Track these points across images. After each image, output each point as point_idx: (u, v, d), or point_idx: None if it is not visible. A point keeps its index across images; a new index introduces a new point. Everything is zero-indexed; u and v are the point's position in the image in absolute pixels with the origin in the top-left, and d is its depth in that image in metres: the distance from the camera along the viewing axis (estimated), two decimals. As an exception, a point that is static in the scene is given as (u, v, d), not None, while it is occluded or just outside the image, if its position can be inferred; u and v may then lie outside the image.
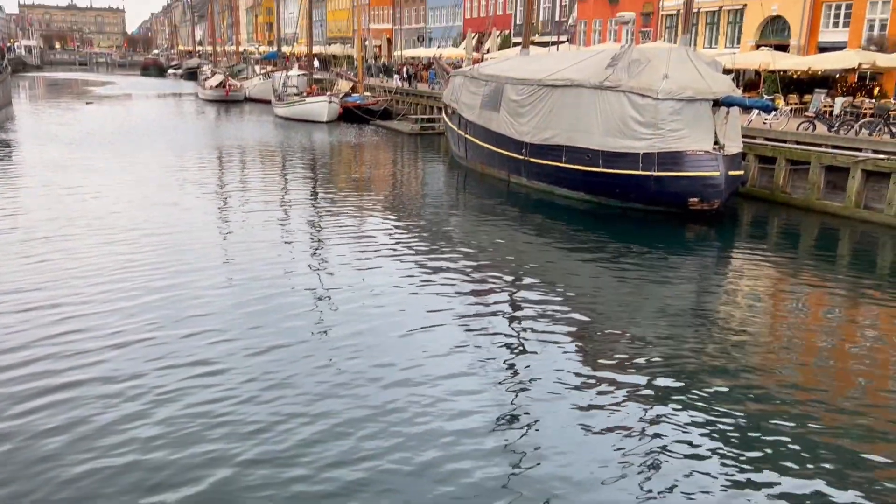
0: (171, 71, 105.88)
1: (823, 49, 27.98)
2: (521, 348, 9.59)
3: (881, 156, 16.90)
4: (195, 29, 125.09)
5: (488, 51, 41.57)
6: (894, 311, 11.59)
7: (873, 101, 22.81)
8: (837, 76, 26.70)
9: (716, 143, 17.11)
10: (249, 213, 17.46)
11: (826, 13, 28.64)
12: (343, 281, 12.18)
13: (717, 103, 17.11)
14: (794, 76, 27.28)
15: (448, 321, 10.44)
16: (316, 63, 55.86)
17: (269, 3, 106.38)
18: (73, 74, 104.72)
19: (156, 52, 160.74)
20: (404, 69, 49.28)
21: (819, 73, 26.22)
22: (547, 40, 42.54)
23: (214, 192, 20.06)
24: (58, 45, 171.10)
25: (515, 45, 39.16)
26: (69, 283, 11.55)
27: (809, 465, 6.94)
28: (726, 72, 21.04)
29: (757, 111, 20.62)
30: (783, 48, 29.17)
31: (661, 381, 8.63)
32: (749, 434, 7.47)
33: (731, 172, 17.08)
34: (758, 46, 30.41)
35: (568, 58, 22.21)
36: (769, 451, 7.17)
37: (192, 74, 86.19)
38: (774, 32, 31.04)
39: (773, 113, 21.25)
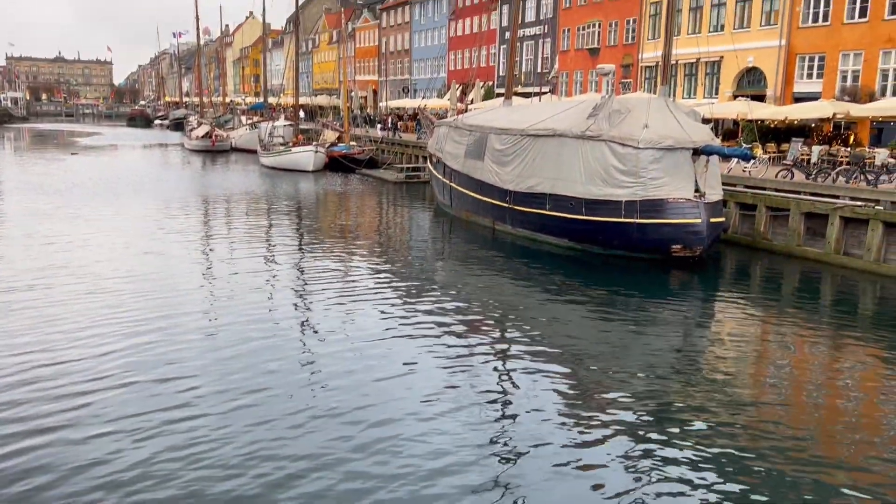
0: (157, 122, 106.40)
1: (799, 99, 28.70)
2: (505, 392, 9.54)
3: (858, 203, 17.21)
4: (182, 80, 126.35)
5: (472, 101, 42.24)
6: (876, 355, 11.65)
7: (849, 149, 23.34)
8: (813, 125, 27.34)
9: (697, 190, 17.37)
10: (234, 260, 17.43)
11: (800, 65, 29.47)
12: (327, 326, 12.17)
13: (696, 152, 17.43)
14: (772, 125, 27.89)
15: (432, 365, 10.41)
16: (301, 114, 56.49)
17: (256, 55, 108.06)
18: (59, 125, 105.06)
19: (142, 103, 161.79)
20: (388, 119, 49.98)
21: (795, 122, 26.83)
22: (529, 91, 43.36)
23: (199, 240, 20.01)
24: (44, 97, 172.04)
25: (499, 95, 39.88)
26: (53, 331, 11.45)
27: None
28: (705, 121, 21.48)
29: (736, 159, 21.02)
30: (760, 98, 29.89)
31: (646, 425, 8.58)
32: (733, 475, 7.45)
33: (712, 219, 17.31)
34: (735, 97, 31.15)
35: (550, 108, 22.64)
36: (752, 492, 7.13)
37: (178, 125, 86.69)
38: (751, 83, 31.84)
39: (752, 161, 21.66)
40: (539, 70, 46.72)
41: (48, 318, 12.18)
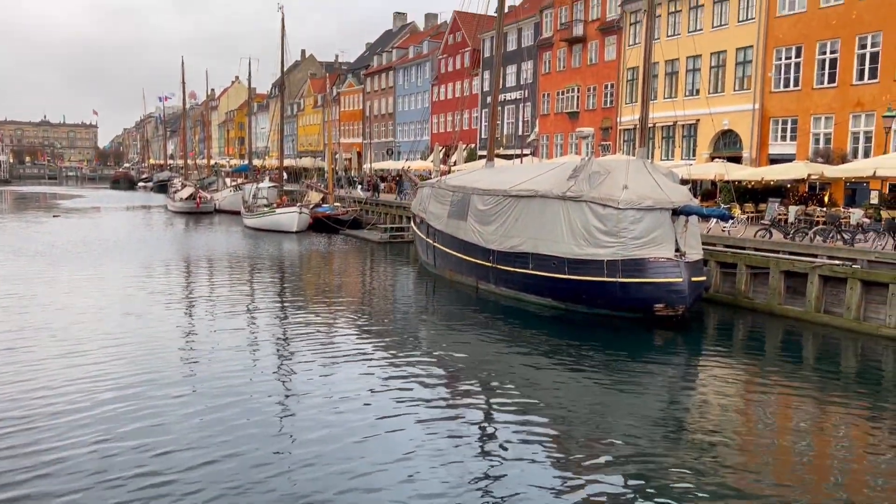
0: (141, 184, 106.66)
1: (774, 160, 29.40)
2: (488, 453, 9.38)
3: (836, 262, 17.45)
4: (167, 143, 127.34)
5: (455, 163, 42.87)
6: (860, 415, 11.63)
7: (824, 209, 23.81)
8: (789, 186, 27.93)
9: (677, 250, 17.56)
10: (215, 320, 17.24)
11: (774, 128, 30.30)
12: (308, 387, 12.05)
13: (675, 212, 17.69)
14: (749, 186, 28.46)
15: (414, 426, 10.28)
16: (285, 175, 56.94)
17: (242, 118, 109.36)
18: (42, 188, 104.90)
19: (126, 165, 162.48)
20: (374, 180, 50.59)
21: (772, 182, 27.40)
22: (511, 153, 44.12)
23: (179, 301, 19.80)
24: (28, 160, 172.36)
25: (481, 157, 40.48)
26: (29, 394, 11.23)
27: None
28: (683, 182, 21.89)
29: (715, 219, 21.34)
30: (736, 160, 30.58)
31: (631, 488, 8.45)
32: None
33: (694, 278, 17.44)
34: (712, 158, 31.86)
35: (532, 170, 23.00)
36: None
37: (162, 187, 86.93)
38: (727, 145, 32.62)
39: (731, 221, 22.01)
40: (520, 133, 47.63)
41: (24, 380, 11.96)
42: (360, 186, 50.23)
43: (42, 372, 12.52)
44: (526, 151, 42.29)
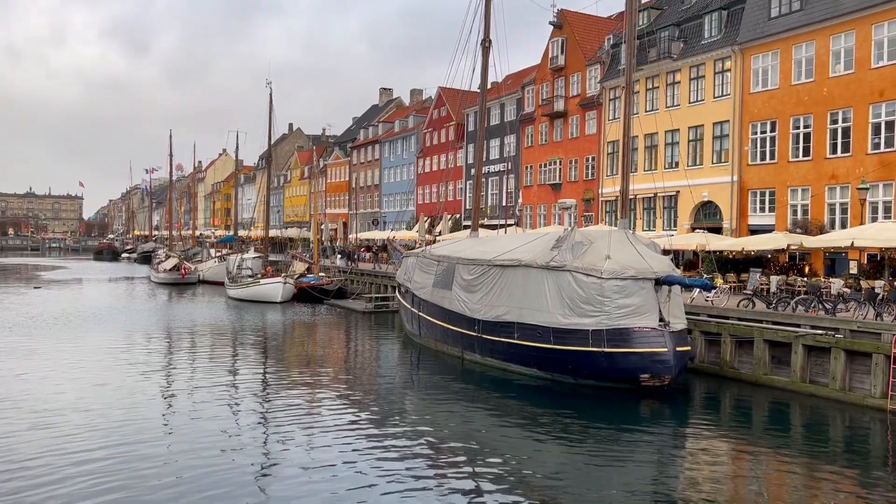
0: (125, 255, 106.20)
1: (754, 231, 29.87)
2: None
3: (819, 331, 17.53)
4: (153, 214, 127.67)
5: (440, 233, 43.17)
6: (849, 490, 11.48)
7: (805, 279, 24.07)
8: (769, 255, 28.29)
9: (661, 319, 17.60)
10: (193, 392, 16.90)
11: (752, 199, 30.90)
12: (287, 460, 11.80)
13: (658, 282, 17.82)
14: (730, 256, 28.80)
15: (397, 500, 10.02)
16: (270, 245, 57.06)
17: (228, 189, 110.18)
18: (25, 259, 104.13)
19: (111, 236, 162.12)
20: (352, 248, 51.05)
21: (752, 253, 27.76)
22: (495, 223, 44.56)
23: (158, 373, 19.45)
24: (11, 232, 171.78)
25: (466, 227, 40.88)
26: (12, 466, 11.07)
27: None
28: (665, 252, 22.13)
29: (698, 289, 21.49)
30: (717, 230, 31.04)
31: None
32: None
33: (678, 348, 17.43)
34: (693, 229, 32.30)
35: (516, 239, 23.20)
36: None
37: (146, 258, 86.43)
38: (707, 216, 33.17)
39: (714, 291, 22.16)
40: (504, 203, 48.24)
41: (5, 455, 11.74)
42: (339, 256, 50.49)
43: (13, 443, 12.24)
44: (510, 222, 42.75)
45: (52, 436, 12.93)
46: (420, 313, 24.78)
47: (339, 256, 50.29)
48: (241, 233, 66.41)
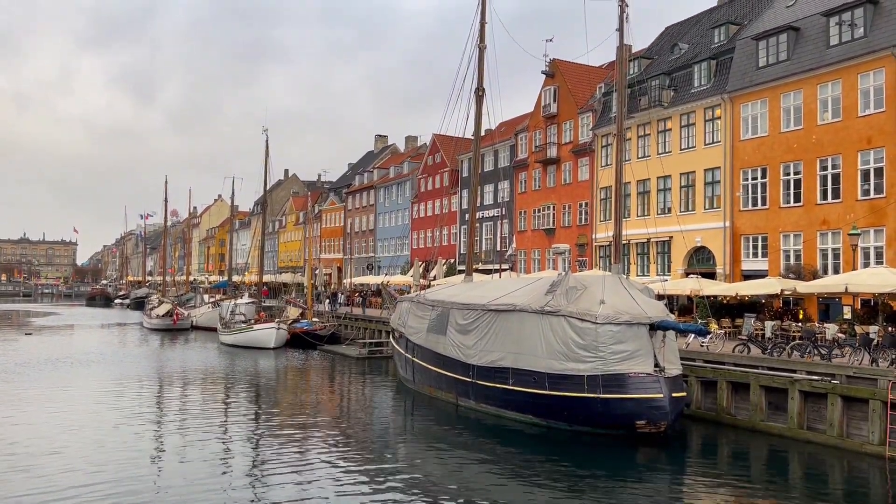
0: (118, 300, 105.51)
1: (747, 276, 29.92)
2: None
3: (815, 377, 17.43)
4: (146, 260, 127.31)
5: (434, 277, 43.14)
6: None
7: (800, 324, 24.03)
8: (763, 301, 28.29)
9: (656, 365, 17.49)
10: (184, 438, 16.67)
11: (745, 244, 31.04)
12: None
13: (653, 327, 17.77)
14: (724, 301, 28.79)
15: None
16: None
17: (223, 235, 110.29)
18: (16, 305, 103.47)
19: (104, 282, 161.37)
20: (334, 291, 51.13)
21: (746, 298, 27.76)
22: (490, 268, 44.59)
23: (149, 418, 19.18)
24: (3, 278, 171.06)
25: (460, 272, 40.84)
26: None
27: None
28: (659, 297, 22.11)
29: (692, 335, 21.42)
30: (710, 276, 31.08)
31: None
32: None
33: (674, 394, 17.28)
34: (687, 274, 32.33)
35: (510, 284, 23.18)
36: None
37: (139, 304, 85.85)
38: (700, 261, 33.25)
39: (708, 336, 22.09)
40: (498, 248, 48.37)
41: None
42: (327, 301, 50.52)
43: (13, 488, 12.00)
44: (504, 266, 42.78)
45: (38, 482, 12.68)
46: (414, 358, 24.60)
47: (327, 301, 50.38)
48: (236, 278, 66.21)
